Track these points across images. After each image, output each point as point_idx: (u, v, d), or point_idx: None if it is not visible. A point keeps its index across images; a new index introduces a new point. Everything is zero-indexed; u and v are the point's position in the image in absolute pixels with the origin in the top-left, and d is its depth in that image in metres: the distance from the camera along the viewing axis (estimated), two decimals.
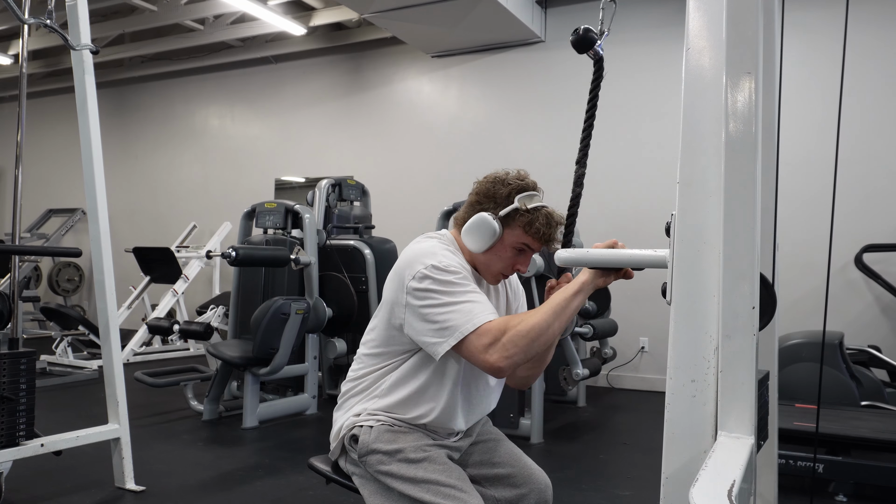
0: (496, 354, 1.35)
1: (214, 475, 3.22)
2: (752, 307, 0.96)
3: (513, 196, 1.55)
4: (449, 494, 1.42)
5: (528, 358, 1.39)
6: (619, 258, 1.32)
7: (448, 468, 1.49)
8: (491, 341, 1.36)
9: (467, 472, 1.59)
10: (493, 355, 1.35)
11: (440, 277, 1.44)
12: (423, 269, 1.45)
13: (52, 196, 8.98)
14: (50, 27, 2.66)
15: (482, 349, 1.36)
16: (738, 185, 0.98)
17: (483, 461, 1.65)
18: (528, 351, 1.37)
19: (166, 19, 6.91)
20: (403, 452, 1.48)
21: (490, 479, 1.62)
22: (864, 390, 3.73)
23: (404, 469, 1.47)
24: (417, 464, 1.47)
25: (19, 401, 2.57)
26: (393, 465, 1.48)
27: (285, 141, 7.62)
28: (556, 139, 6.09)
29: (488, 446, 1.68)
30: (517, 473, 1.63)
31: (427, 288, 1.43)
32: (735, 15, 0.99)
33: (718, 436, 0.96)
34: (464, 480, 1.49)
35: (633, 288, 5.55)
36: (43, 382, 4.93)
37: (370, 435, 1.51)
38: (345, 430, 1.57)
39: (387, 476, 1.48)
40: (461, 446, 1.63)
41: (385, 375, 1.56)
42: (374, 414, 1.54)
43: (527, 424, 3.86)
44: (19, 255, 2.90)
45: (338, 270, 4.56)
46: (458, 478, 1.48)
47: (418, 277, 1.45)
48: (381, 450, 1.49)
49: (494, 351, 1.35)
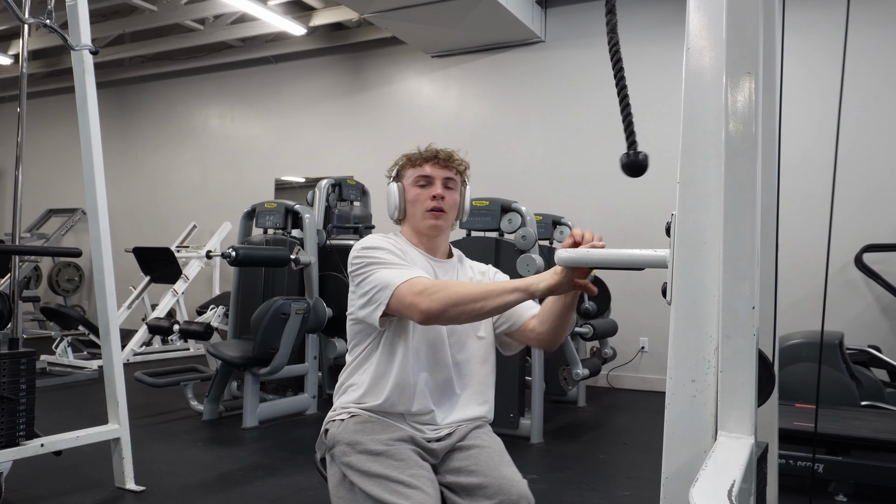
0: (426, 300, 1.42)
1: (214, 475, 3.22)
2: (752, 307, 0.96)
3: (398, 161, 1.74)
4: (395, 490, 1.43)
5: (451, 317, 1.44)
6: (619, 258, 1.32)
7: (405, 464, 1.48)
8: (421, 290, 1.43)
9: (445, 478, 1.56)
10: (423, 301, 1.42)
11: (368, 253, 1.56)
12: (354, 252, 1.59)
13: (52, 196, 8.98)
14: (50, 27, 2.66)
15: (413, 295, 1.44)
16: (738, 185, 0.97)
17: (460, 468, 1.56)
18: (452, 311, 1.42)
19: (166, 19, 6.92)
20: (364, 444, 1.52)
21: (464, 488, 1.53)
22: (864, 390, 3.74)
23: (362, 461, 1.50)
24: (375, 457, 1.50)
25: (19, 401, 2.57)
26: (353, 456, 1.52)
27: (285, 141, 7.62)
28: (556, 139, 6.10)
29: (471, 453, 1.59)
30: (490, 484, 1.51)
31: (358, 264, 1.56)
32: (735, 15, 0.99)
33: (718, 436, 0.96)
34: (418, 478, 1.45)
35: (633, 288, 5.60)
36: (43, 382, 4.94)
37: (339, 427, 1.58)
38: (323, 426, 1.65)
39: (347, 467, 1.52)
40: (439, 449, 1.58)
41: (357, 369, 1.63)
42: (347, 407, 1.61)
43: (527, 424, 3.86)
44: (19, 255, 2.90)
45: (338, 270, 4.55)
46: (411, 475, 1.45)
47: (352, 260, 1.58)
48: (344, 441, 1.55)
49: (425, 297, 1.42)
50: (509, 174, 6.21)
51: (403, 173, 1.70)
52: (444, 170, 1.66)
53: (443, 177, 1.66)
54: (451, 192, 1.67)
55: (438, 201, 1.64)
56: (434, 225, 1.65)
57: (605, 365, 5.37)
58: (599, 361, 4.69)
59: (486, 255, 3.92)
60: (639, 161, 1.14)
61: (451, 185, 1.67)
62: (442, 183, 1.65)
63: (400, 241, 1.66)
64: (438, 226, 1.65)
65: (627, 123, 1.15)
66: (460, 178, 1.70)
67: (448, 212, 1.66)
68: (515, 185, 6.07)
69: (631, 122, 1.15)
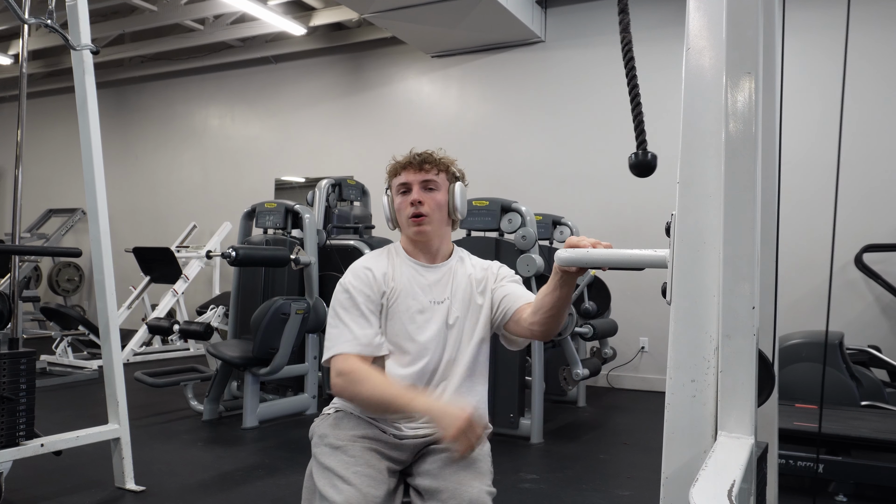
0: (340, 383, 1.55)
1: (214, 475, 3.22)
2: (752, 307, 0.96)
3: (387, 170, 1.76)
4: (333, 484, 1.47)
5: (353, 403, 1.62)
6: (619, 258, 1.32)
7: (354, 462, 1.51)
8: (340, 372, 1.55)
9: (415, 480, 1.57)
10: (338, 382, 1.56)
11: (338, 295, 1.65)
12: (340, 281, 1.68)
13: (52, 196, 8.98)
14: (50, 27, 2.66)
15: (335, 374, 1.56)
16: (738, 185, 0.98)
17: (430, 471, 1.56)
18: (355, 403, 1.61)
19: (166, 19, 6.92)
20: (328, 438, 1.59)
21: (428, 491, 1.53)
22: (864, 390, 3.74)
23: (323, 453, 1.56)
24: (333, 451, 1.55)
25: (19, 401, 2.57)
26: (319, 448, 1.59)
27: (285, 141, 7.62)
28: (556, 139, 6.10)
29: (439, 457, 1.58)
30: (446, 488, 1.49)
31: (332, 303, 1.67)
32: (735, 15, 0.99)
33: (718, 436, 0.96)
34: (360, 476, 1.48)
35: (633, 288, 5.60)
36: (43, 382, 4.93)
37: (321, 421, 1.68)
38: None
39: (313, 457, 1.61)
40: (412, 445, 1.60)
41: None
42: (335, 403, 1.70)
43: (527, 424, 3.86)
44: (19, 255, 2.90)
45: (338, 270, 4.55)
46: (354, 472, 1.48)
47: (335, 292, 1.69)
48: (317, 433, 1.64)
49: (341, 379, 1.55)
50: (509, 174, 6.21)
51: (390, 183, 1.72)
52: (420, 173, 1.65)
53: (420, 181, 1.65)
54: (432, 194, 1.66)
55: (417, 207, 1.64)
56: (418, 231, 1.65)
57: (605, 365, 5.37)
58: (599, 361, 4.69)
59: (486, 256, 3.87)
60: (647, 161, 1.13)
61: (431, 187, 1.66)
62: (420, 187, 1.65)
63: (389, 260, 1.68)
64: (422, 231, 1.65)
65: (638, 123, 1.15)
66: (445, 175, 1.69)
67: (430, 214, 1.65)
68: (515, 185, 6.06)
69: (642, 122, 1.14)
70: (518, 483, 3.13)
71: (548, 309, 1.52)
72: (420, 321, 1.63)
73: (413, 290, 1.65)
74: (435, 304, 1.65)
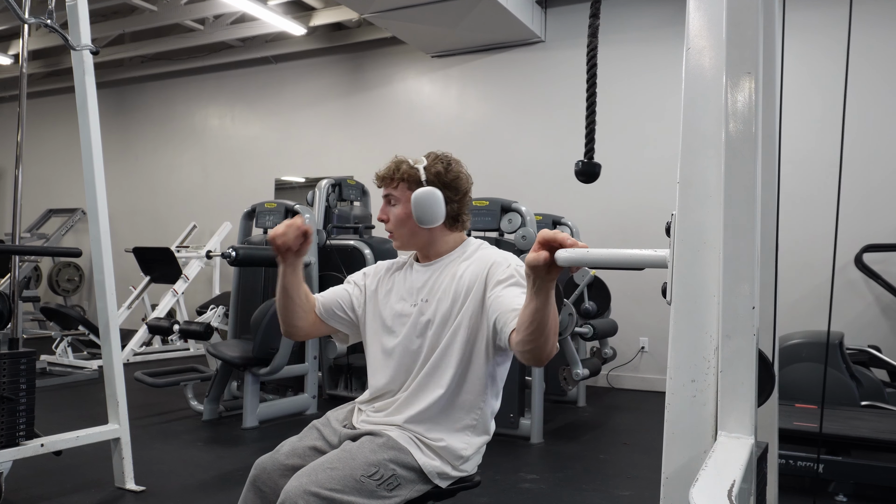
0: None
1: (214, 475, 3.22)
2: (752, 307, 0.96)
3: None
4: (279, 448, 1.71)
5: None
6: (619, 258, 1.31)
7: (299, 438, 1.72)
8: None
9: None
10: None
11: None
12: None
13: (52, 196, 8.98)
14: (50, 27, 2.66)
15: None
16: (738, 185, 0.98)
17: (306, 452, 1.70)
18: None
19: (166, 19, 6.91)
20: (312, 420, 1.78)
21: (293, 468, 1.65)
22: (864, 390, 3.74)
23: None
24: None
25: (19, 401, 2.57)
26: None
27: (285, 141, 7.62)
28: (556, 139, 6.10)
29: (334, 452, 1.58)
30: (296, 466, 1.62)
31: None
32: (735, 15, 0.99)
33: (718, 436, 0.96)
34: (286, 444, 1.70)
35: (633, 288, 5.59)
36: (43, 382, 4.93)
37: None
38: None
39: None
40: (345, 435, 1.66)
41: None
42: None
43: (527, 424, 3.86)
44: (19, 255, 2.90)
45: (338, 270, 4.55)
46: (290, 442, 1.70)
47: None
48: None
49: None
50: (509, 174, 6.21)
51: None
52: (386, 189, 1.70)
53: (384, 196, 1.71)
54: (392, 209, 1.69)
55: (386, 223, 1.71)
56: (394, 245, 1.74)
57: (605, 365, 5.37)
58: (599, 361, 4.69)
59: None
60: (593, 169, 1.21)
61: (392, 202, 1.69)
62: (385, 202, 1.71)
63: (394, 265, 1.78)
64: (397, 245, 1.73)
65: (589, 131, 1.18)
66: (405, 185, 1.64)
67: (393, 230, 1.69)
68: (515, 185, 6.06)
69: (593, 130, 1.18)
70: (518, 483, 3.13)
71: (527, 326, 1.32)
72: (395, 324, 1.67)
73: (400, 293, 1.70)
74: (414, 305, 1.66)
